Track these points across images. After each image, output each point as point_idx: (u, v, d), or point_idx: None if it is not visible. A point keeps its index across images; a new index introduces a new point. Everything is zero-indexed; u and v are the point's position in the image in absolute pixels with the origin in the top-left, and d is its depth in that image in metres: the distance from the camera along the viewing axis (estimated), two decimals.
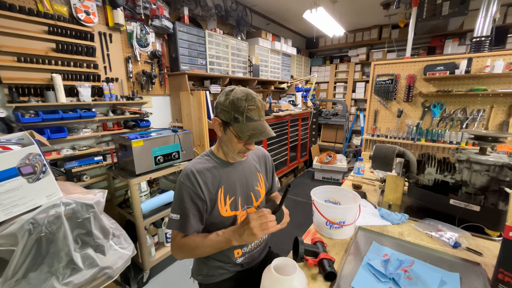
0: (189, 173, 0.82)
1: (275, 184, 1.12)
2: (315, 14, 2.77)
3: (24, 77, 1.57)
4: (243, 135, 0.78)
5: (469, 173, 1.00)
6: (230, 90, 0.81)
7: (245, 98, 0.78)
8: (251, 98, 0.79)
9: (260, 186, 0.98)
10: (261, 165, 1.03)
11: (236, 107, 0.77)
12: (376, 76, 2.56)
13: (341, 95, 5.23)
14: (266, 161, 1.06)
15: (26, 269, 0.97)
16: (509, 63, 1.97)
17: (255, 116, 0.79)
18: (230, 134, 0.81)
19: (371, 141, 2.64)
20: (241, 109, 0.77)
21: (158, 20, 2.18)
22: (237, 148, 0.83)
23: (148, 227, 1.91)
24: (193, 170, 0.83)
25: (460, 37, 3.79)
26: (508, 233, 0.64)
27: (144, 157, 1.69)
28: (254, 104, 0.78)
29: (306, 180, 3.99)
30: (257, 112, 0.79)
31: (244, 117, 0.77)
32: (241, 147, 0.83)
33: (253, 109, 0.78)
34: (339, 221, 0.94)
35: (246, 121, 0.78)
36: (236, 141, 0.81)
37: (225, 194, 0.87)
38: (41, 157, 1.01)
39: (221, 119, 0.81)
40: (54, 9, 1.65)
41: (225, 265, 0.93)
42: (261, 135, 0.78)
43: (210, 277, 0.94)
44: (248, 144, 0.83)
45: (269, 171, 1.06)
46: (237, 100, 0.77)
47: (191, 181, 0.81)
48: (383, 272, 0.74)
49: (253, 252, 0.97)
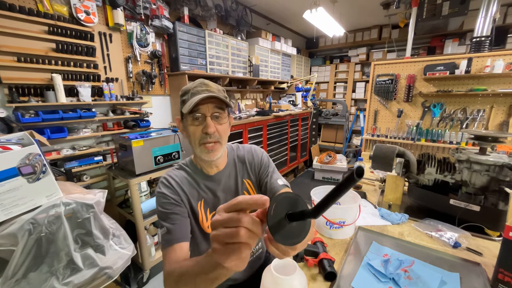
0: (164, 180, 0.77)
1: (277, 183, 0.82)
2: (315, 14, 2.77)
3: (24, 77, 1.57)
4: (186, 108, 0.68)
5: (469, 173, 1.00)
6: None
7: (194, 84, 0.74)
8: (202, 82, 0.74)
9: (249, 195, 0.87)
10: (249, 168, 0.87)
11: (184, 92, 0.73)
12: (376, 76, 2.56)
13: (341, 95, 5.23)
14: (253, 157, 0.88)
15: (26, 269, 0.97)
16: (509, 63, 1.97)
17: (201, 91, 0.71)
18: (185, 123, 0.73)
19: (371, 141, 2.64)
20: (187, 90, 0.73)
21: (158, 20, 2.18)
22: (196, 138, 0.72)
23: (148, 227, 1.91)
24: (167, 177, 0.77)
25: (460, 37, 3.79)
26: (508, 233, 0.64)
27: (144, 157, 1.69)
28: (202, 86, 0.72)
29: (306, 180, 3.99)
30: (204, 88, 0.72)
31: (189, 94, 0.71)
32: (200, 135, 0.71)
33: (200, 88, 0.72)
34: (339, 221, 0.94)
35: (191, 97, 0.70)
36: (193, 129, 0.71)
37: (205, 208, 0.80)
38: (41, 157, 1.01)
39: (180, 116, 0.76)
40: (54, 9, 1.65)
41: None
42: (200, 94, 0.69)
43: None
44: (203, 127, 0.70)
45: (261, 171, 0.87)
46: (186, 87, 0.74)
47: (166, 186, 0.75)
48: (383, 272, 0.74)
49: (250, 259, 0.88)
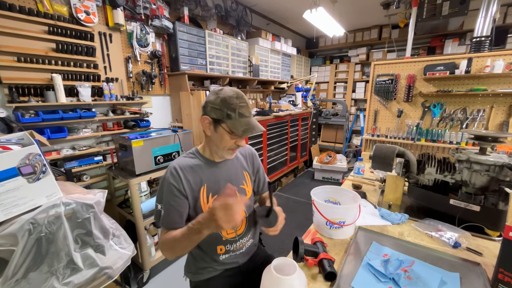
0: (172, 169, 0.85)
1: (265, 184, 1.10)
2: (315, 14, 2.77)
3: (24, 77, 1.57)
4: (237, 130, 0.80)
5: (469, 173, 1.00)
6: (219, 89, 0.83)
7: (235, 96, 0.81)
8: (241, 96, 0.83)
9: (246, 185, 0.99)
10: (248, 163, 1.03)
11: (228, 104, 0.80)
12: (376, 76, 2.56)
13: (341, 95, 5.23)
14: (253, 159, 1.06)
15: (26, 269, 0.97)
16: (509, 63, 1.96)
17: (246, 112, 0.82)
18: (221, 131, 0.82)
19: (371, 141, 2.64)
20: (233, 106, 0.80)
21: (158, 20, 2.18)
22: (227, 145, 0.85)
23: (148, 227, 1.91)
24: (176, 167, 0.85)
25: (460, 37, 3.79)
26: (508, 233, 0.64)
27: (144, 157, 1.69)
28: (244, 102, 0.82)
29: (306, 180, 3.99)
30: (247, 109, 0.83)
31: (237, 114, 0.80)
32: (232, 144, 0.85)
33: (244, 106, 0.82)
34: (339, 221, 0.94)
35: (239, 117, 0.80)
36: (228, 138, 0.83)
37: (207, 192, 0.88)
38: (41, 157, 1.01)
39: (211, 118, 0.83)
40: (54, 9, 1.65)
41: (211, 263, 0.95)
42: (254, 130, 0.81)
43: (199, 275, 0.96)
44: (239, 141, 0.85)
45: (255, 169, 1.06)
46: (229, 98, 0.80)
47: (173, 176, 0.84)
48: (383, 272, 0.74)
49: (238, 253, 0.97)
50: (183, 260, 2.06)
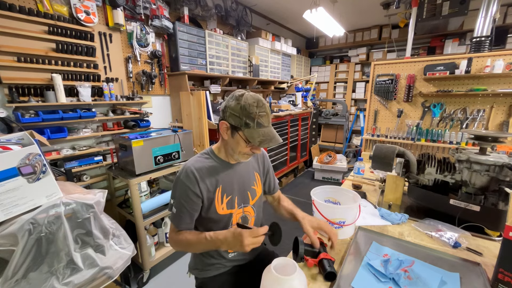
0: (189, 172, 0.85)
1: (276, 183, 1.14)
2: (315, 14, 2.77)
3: (24, 77, 1.57)
4: (254, 140, 0.79)
5: (469, 173, 1.00)
6: (240, 95, 0.81)
7: (256, 104, 0.79)
8: (262, 104, 0.81)
9: (256, 185, 1.00)
10: (259, 164, 1.04)
11: (248, 112, 0.78)
12: (376, 76, 2.56)
13: (341, 95, 5.23)
14: (264, 160, 1.07)
15: (26, 269, 0.97)
16: (509, 63, 1.97)
17: (265, 122, 0.81)
18: (238, 138, 0.82)
19: (371, 141, 2.64)
20: (252, 115, 0.79)
21: (158, 20, 2.18)
22: (243, 151, 0.85)
23: (148, 227, 1.91)
24: (193, 169, 0.85)
25: (460, 37, 3.79)
26: (508, 233, 0.64)
27: (144, 157, 1.69)
28: (264, 111, 0.81)
29: (306, 180, 3.99)
30: (266, 119, 0.82)
31: (255, 123, 0.79)
32: (247, 151, 0.85)
33: (263, 115, 0.80)
34: (339, 221, 0.94)
35: (257, 127, 0.80)
36: (244, 145, 0.83)
37: (222, 193, 0.89)
38: (41, 157, 1.01)
39: (229, 123, 0.82)
40: (54, 9, 1.64)
41: (220, 260, 0.96)
42: (271, 142, 0.81)
43: (206, 271, 0.97)
44: (254, 149, 0.86)
45: (265, 170, 1.07)
46: (249, 106, 0.78)
47: (189, 179, 0.84)
48: (383, 272, 0.74)
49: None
50: (184, 260, 2.07)
